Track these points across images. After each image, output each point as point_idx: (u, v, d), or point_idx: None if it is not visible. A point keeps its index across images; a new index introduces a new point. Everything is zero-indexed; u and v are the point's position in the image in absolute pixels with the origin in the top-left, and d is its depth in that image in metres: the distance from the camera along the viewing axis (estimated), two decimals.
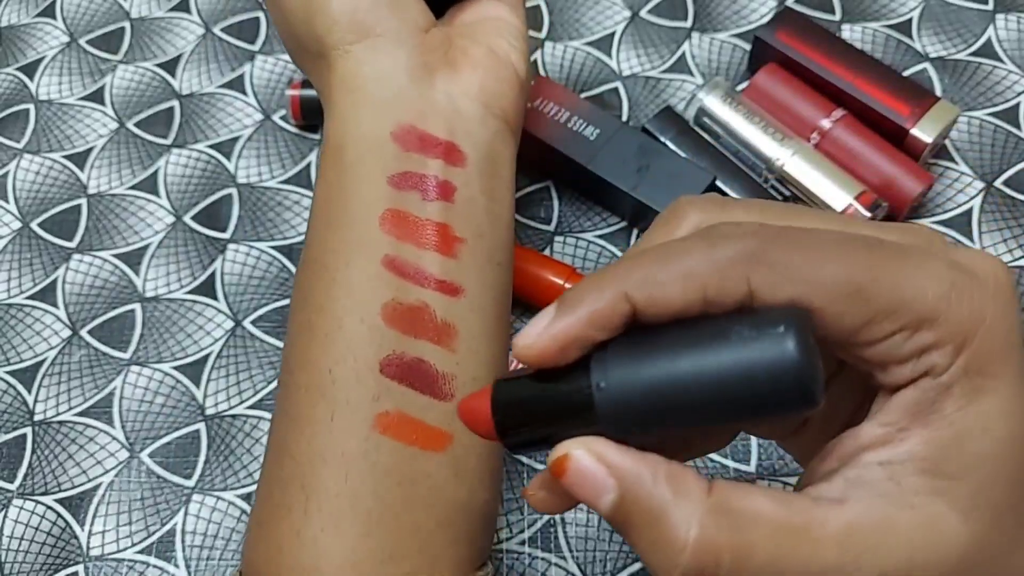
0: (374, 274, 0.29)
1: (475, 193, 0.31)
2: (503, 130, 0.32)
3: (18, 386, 0.42)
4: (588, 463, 0.20)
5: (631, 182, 0.41)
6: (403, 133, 0.30)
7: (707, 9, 0.50)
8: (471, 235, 0.30)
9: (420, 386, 0.28)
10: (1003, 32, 0.48)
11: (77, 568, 0.38)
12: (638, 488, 0.20)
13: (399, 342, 0.28)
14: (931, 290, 0.19)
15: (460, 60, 0.32)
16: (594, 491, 0.20)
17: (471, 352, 0.29)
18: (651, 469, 0.20)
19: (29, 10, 0.54)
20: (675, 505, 0.19)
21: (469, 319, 0.29)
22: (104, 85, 0.51)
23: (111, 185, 0.48)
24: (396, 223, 0.29)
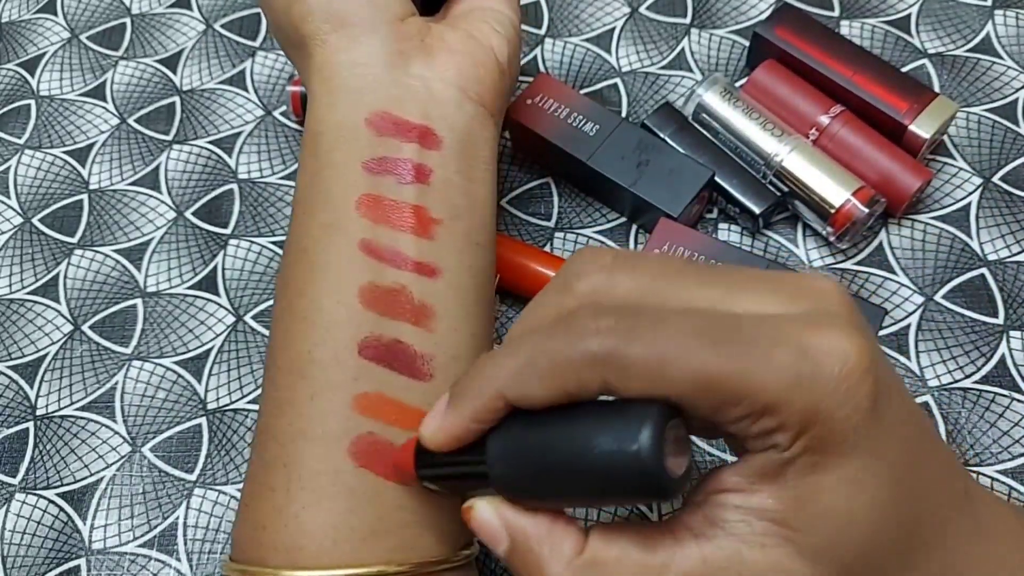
0: (351, 257, 0.29)
1: (451, 175, 0.31)
2: (481, 113, 0.33)
3: (20, 381, 0.43)
4: (487, 516, 0.24)
5: (630, 178, 0.41)
6: (377, 119, 0.31)
7: (706, 5, 0.50)
8: (447, 216, 0.31)
9: (398, 367, 0.28)
10: (1002, 28, 0.48)
11: (79, 562, 0.38)
12: (524, 543, 0.23)
13: (377, 324, 0.29)
14: (773, 382, 0.20)
15: (436, 46, 0.33)
16: (492, 539, 0.24)
17: (451, 331, 0.30)
18: (535, 528, 0.23)
19: (30, 6, 0.54)
20: (550, 561, 0.23)
21: (447, 299, 0.30)
22: (105, 81, 0.51)
23: (112, 181, 0.48)
24: (371, 207, 0.30)
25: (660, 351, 0.21)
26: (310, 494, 0.27)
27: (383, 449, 0.28)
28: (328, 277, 0.29)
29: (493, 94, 0.33)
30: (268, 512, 0.28)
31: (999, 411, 0.38)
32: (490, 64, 0.33)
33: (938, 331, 0.40)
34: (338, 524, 0.27)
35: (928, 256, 0.42)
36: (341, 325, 0.28)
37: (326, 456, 0.27)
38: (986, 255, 0.42)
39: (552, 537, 0.23)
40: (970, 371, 0.39)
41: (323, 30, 0.32)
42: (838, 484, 0.21)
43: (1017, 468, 0.37)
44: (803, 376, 0.20)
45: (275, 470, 0.28)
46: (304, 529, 0.27)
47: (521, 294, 0.41)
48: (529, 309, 0.25)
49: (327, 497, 0.27)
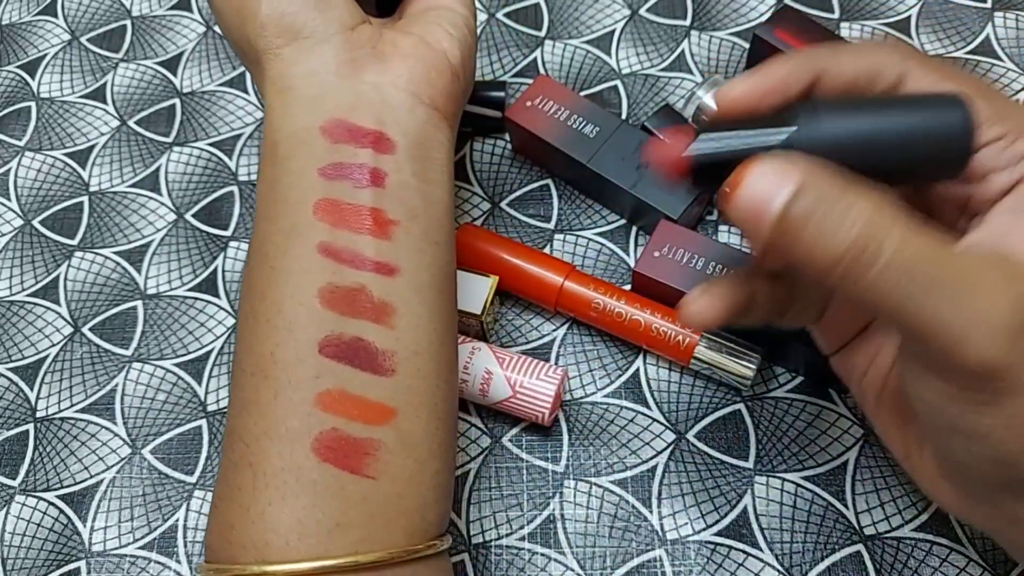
0: (310, 260, 0.30)
1: (406, 177, 0.32)
2: (434, 117, 0.33)
3: (20, 383, 0.43)
4: (774, 163, 0.24)
5: (630, 180, 0.42)
6: (331, 126, 0.32)
7: (706, 7, 0.50)
8: (404, 217, 0.31)
9: (360, 363, 0.29)
10: (1001, 30, 0.48)
11: (79, 564, 0.38)
12: (819, 179, 0.23)
13: (338, 323, 0.29)
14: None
15: (389, 52, 0.34)
16: (776, 185, 0.23)
17: (411, 327, 0.30)
18: (830, 172, 0.24)
19: (30, 8, 0.55)
20: (851, 192, 0.23)
21: (407, 296, 0.30)
22: (105, 83, 0.51)
23: (112, 183, 0.48)
24: (329, 211, 0.30)
25: (945, 70, 0.26)
26: (275, 491, 0.28)
27: (347, 444, 0.28)
28: (289, 280, 0.30)
29: (446, 97, 0.34)
30: (236, 511, 0.28)
31: None
32: (442, 67, 0.34)
33: None
34: (303, 519, 0.27)
35: None
36: (302, 325, 0.29)
37: (290, 453, 0.28)
38: None
39: (845, 179, 0.24)
40: None
41: (276, 44, 0.33)
42: None
43: None
44: None
45: (241, 470, 0.29)
46: (270, 525, 0.27)
47: (521, 295, 0.42)
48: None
49: (291, 493, 0.28)
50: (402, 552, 0.28)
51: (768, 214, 0.23)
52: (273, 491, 0.28)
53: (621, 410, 0.40)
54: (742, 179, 0.24)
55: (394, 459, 0.29)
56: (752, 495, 0.38)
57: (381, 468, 0.28)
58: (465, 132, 0.47)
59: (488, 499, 0.38)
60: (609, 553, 0.37)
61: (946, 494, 0.28)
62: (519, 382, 0.38)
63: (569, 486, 0.38)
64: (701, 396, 0.40)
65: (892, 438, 0.30)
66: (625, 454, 0.39)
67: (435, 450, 0.30)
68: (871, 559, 0.36)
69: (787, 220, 0.23)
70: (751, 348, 0.38)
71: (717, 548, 0.37)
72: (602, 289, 0.40)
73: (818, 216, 0.23)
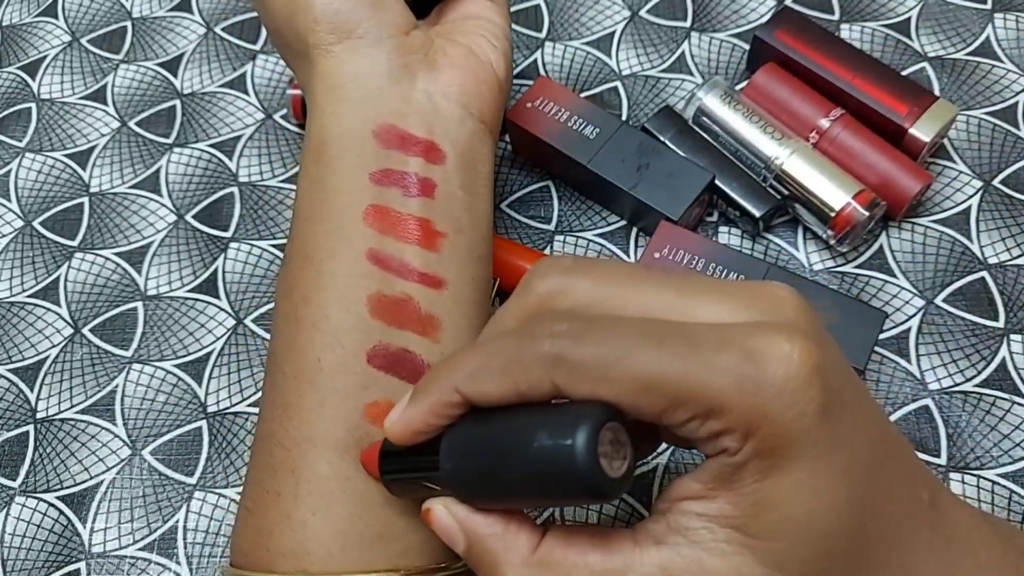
0: (358, 266, 0.29)
1: (454, 189, 0.32)
2: (480, 129, 0.33)
3: (20, 384, 0.43)
4: (442, 516, 0.25)
5: (631, 181, 0.42)
6: (383, 131, 0.31)
7: (706, 9, 0.50)
8: (451, 230, 0.31)
9: (406, 375, 0.29)
10: (1001, 31, 0.48)
11: (79, 565, 0.38)
12: (479, 542, 0.24)
13: (384, 333, 0.29)
14: (716, 384, 0.20)
15: (440, 61, 0.33)
16: (450, 540, 0.25)
17: (455, 342, 0.30)
18: (488, 528, 0.24)
19: (31, 9, 0.55)
20: (505, 560, 0.23)
21: (452, 311, 0.30)
22: (106, 84, 0.51)
23: (113, 184, 0.48)
24: (379, 217, 0.30)
25: (605, 353, 0.21)
26: (319, 500, 0.27)
27: None
28: (336, 285, 0.29)
29: (492, 110, 0.34)
30: (274, 518, 0.28)
31: (999, 415, 0.38)
32: (490, 81, 0.34)
33: (939, 334, 0.40)
34: (346, 529, 0.27)
35: (928, 259, 0.42)
36: (349, 333, 0.29)
37: (336, 462, 0.28)
38: (986, 258, 0.42)
39: (506, 536, 0.24)
40: (971, 375, 0.39)
41: (328, 40, 0.32)
42: (793, 489, 0.21)
43: (1018, 472, 0.37)
44: (745, 378, 0.20)
45: (282, 475, 0.28)
46: (312, 534, 0.27)
47: None
48: (496, 313, 0.25)
49: (336, 503, 0.27)
50: (442, 565, 0.28)
51: (457, 550, 0.25)
52: (317, 499, 0.27)
53: None
54: (429, 520, 0.25)
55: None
56: None
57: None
58: None
59: None
60: None
61: None
62: None
63: None
64: None
65: None
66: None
67: None
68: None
69: (469, 564, 0.25)
70: None
71: None
72: None
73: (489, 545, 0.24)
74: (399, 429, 0.25)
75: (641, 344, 0.21)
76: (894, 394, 0.39)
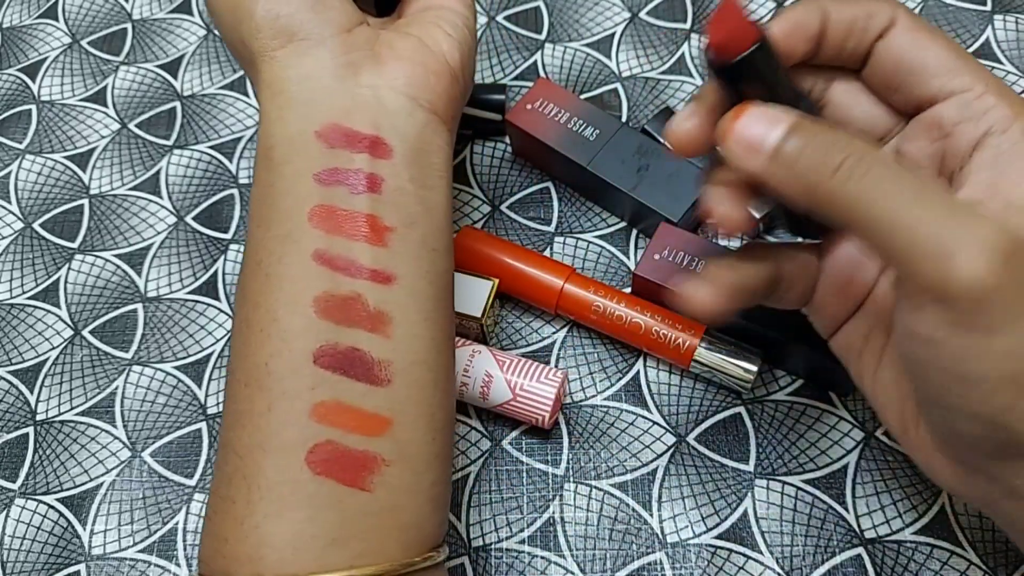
0: (305, 268, 0.29)
1: (403, 183, 0.31)
2: (432, 120, 0.33)
3: (20, 386, 0.43)
4: (768, 107, 0.26)
5: (630, 182, 0.42)
6: (327, 131, 0.31)
7: (706, 10, 0.50)
8: (401, 223, 0.31)
9: (356, 374, 0.29)
10: (1001, 33, 0.48)
11: (79, 567, 0.38)
12: (807, 121, 0.26)
13: (333, 332, 0.29)
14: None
15: (386, 55, 0.33)
16: (772, 123, 0.26)
17: (408, 337, 0.30)
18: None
19: (31, 11, 0.55)
20: (836, 129, 0.25)
21: (404, 305, 0.30)
22: (106, 86, 0.51)
23: (113, 186, 0.48)
24: (324, 217, 0.30)
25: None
26: (270, 504, 0.27)
27: (343, 457, 0.28)
28: (283, 288, 0.29)
29: (445, 101, 0.34)
30: (230, 525, 0.28)
31: None
32: (441, 71, 0.34)
33: None
34: (299, 532, 0.27)
35: None
36: (296, 335, 0.29)
37: (285, 466, 0.28)
38: None
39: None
40: None
41: (271, 46, 0.32)
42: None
43: None
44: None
45: (235, 483, 0.28)
46: (265, 539, 0.27)
47: (521, 298, 0.41)
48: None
49: (288, 507, 0.27)
50: (399, 565, 0.28)
51: (763, 147, 0.26)
52: (268, 504, 0.27)
53: (621, 413, 0.40)
54: (741, 114, 0.26)
55: (391, 471, 0.28)
56: (752, 498, 0.38)
57: (378, 481, 0.28)
58: (465, 135, 0.47)
59: (488, 502, 0.38)
60: (609, 556, 0.37)
61: (942, 469, 0.28)
62: (519, 385, 0.38)
63: (569, 489, 0.38)
64: (701, 399, 0.40)
65: (890, 415, 0.30)
66: (625, 457, 0.39)
67: (432, 461, 0.30)
68: (871, 562, 0.36)
69: (780, 152, 0.26)
70: (751, 351, 0.38)
71: (717, 551, 0.37)
72: (602, 292, 0.40)
73: (810, 146, 0.25)
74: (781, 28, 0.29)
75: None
76: None
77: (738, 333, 0.39)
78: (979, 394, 0.24)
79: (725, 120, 0.27)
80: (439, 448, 0.30)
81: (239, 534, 0.27)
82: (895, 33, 0.29)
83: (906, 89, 0.29)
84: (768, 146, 0.26)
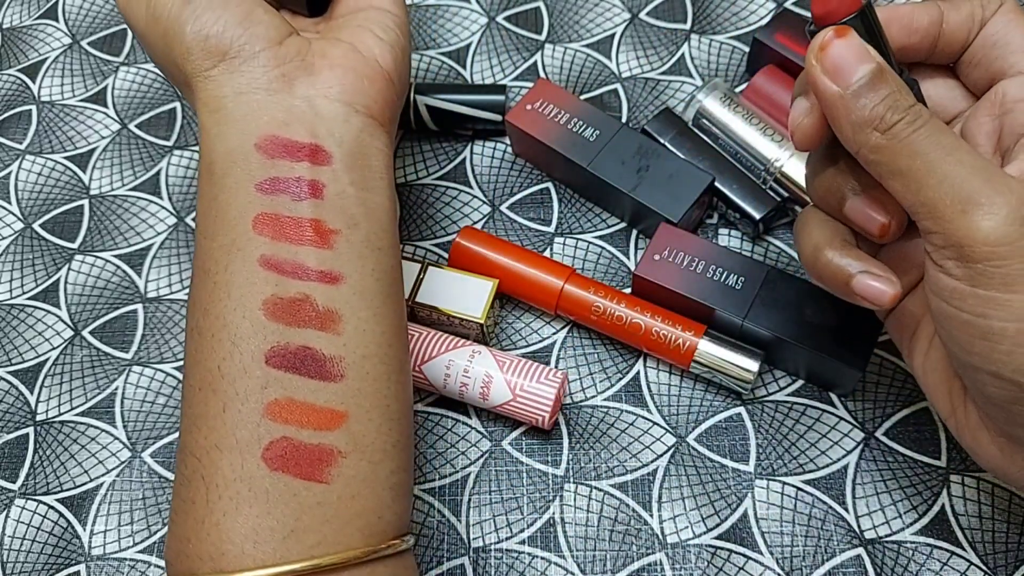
0: (252, 273, 0.30)
1: (344, 187, 0.32)
2: (370, 124, 0.34)
3: (20, 386, 0.43)
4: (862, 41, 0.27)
5: (630, 183, 0.42)
6: (266, 143, 0.32)
7: (706, 11, 0.50)
8: (344, 225, 0.32)
9: (308, 371, 0.29)
10: None
11: (79, 568, 0.38)
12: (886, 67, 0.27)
13: (283, 333, 0.29)
14: None
15: (318, 64, 0.34)
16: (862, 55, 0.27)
17: (358, 332, 0.31)
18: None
19: (31, 11, 0.55)
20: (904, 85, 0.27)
21: (352, 302, 0.31)
22: (106, 86, 0.51)
23: (113, 186, 0.48)
24: (268, 224, 0.31)
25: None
26: (228, 502, 0.28)
27: (298, 451, 0.28)
28: (231, 293, 0.30)
29: (380, 104, 0.34)
30: (191, 525, 0.28)
31: None
32: (374, 75, 0.34)
33: None
34: (257, 526, 0.28)
35: None
36: (246, 337, 0.29)
37: (241, 464, 0.28)
38: None
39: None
40: None
41: (204, 67, 0.33)
42: None
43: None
44: None
45: (194, 484, 0.29)
46: (225, 535, 0.28)
47: (521, 298, 0.42)
48: None
49: (245, 503, 0.28)
50: (360, 553, 0.28)
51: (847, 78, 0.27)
52: (226, 502, 0.28)
53: (621, 413, 0.40)
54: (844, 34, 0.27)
55: (348, 462, 0.29)
56: (752, 499, 0.38)
57: (334, 472, 0.29)
58: (465, 135, 0.47)
59: (488, 503, 0.38)
60: (609, 557, 0.37)
61: (988, 447, 0.29)
62: (519, 385, 0.38)
63: (569, 489, 0.38)
64: (701, 399, 0.40)
65: (939, 396, 0.31)
66: (625, 457, 0.39)
67: (389, 451, 0.30)
68: (872, 563, 0.36)
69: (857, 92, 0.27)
70: (751, 351, 0.38)
71: (717, 552, 0.37)
72: (602, 292, 0.40)
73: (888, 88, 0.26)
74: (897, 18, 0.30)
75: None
76: (895, 392, 0.39)
77: (738, 333, 0.39)
78: (1000, 352, 0.25)
79: (826, 34, 0.27)
80: (396, 438, 0.31)
81: (200, 533, 0.28)
82: (997, 16, 0.29)
83: (985, 64, 0.30)
84: (852, 79, 0.26)
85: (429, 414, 0.40)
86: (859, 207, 0.30)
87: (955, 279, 0.26)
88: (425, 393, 0.41)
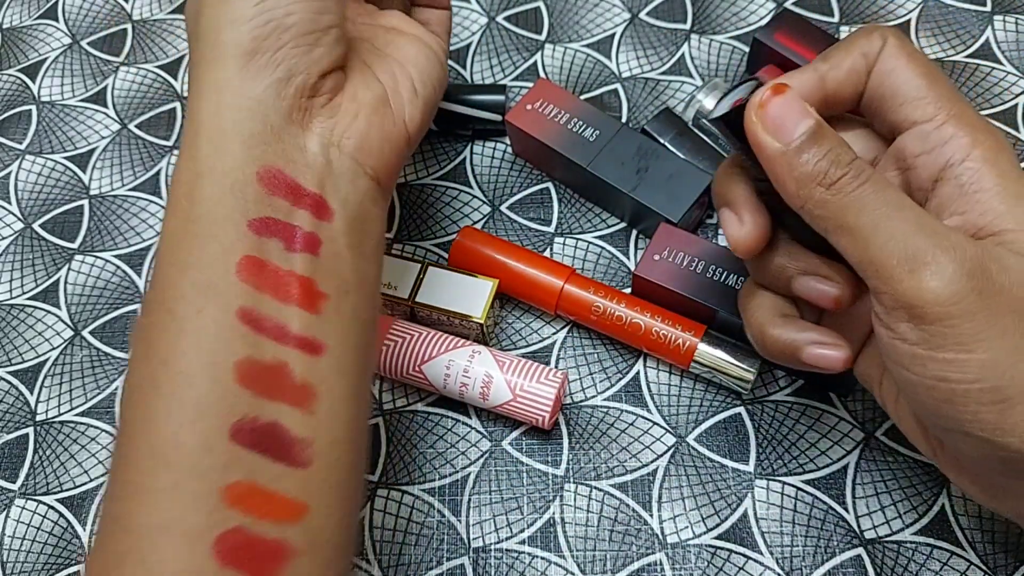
0: (227, 327, 0.26)
1: (341, 248, 0.29)
2: (372, 189, 0.31)
3: (20, 386, 0.43)
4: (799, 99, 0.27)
5: (630, 183, 0.42)
6: (269, 176, 0.28)
7: (706, 11, 0.50)
8: (335, 291, 0.29)
9: (274, 453, 0.26)
10: (1001, 33, 0.48)
11: (79, 568, 0.38)
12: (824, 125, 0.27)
13: (252, 404, 0.26)
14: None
15: (345, 106, 0.31)
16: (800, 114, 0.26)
17: (331, 414, 0.28)
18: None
19: (31, 11, 0.55)
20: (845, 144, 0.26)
21: (330, 379, 0.28)
22: (106, 86, 0.51)
23: (113, 186, 0.48)
24: (254, 271, 0.27)
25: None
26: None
27: (252, 546, 0.25)
28: (200, 347, 0.26)
29: (388, 171, 0.32)
30: None
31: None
32: (397, 139, 0.32)
33: None
34: None
35: None
36: (212, 404, 0.26)
37: (189, 554, 0.25)
38: None
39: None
40: None
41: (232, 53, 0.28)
42: None
43: None
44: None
45: (130, 566, 0.25)
46: None
47: (521, 299, 0.42)
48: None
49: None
50: None
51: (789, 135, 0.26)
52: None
53: (621, 413, 0.40)
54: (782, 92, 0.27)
55: (301, 562, 0.26)
56: (752, 499, 0.38)
57: (287, 573, 0.26)
58: (465, 135, 0.47)
59: (488, 503, 0.38)
60: (609, 557, 0.37)
61: (972, 488, 0.29)
62: (519, 385, 0.38)
63: (569, 489, 0.38)
64: (701, 399, 0.40)
65: (916, 438, 0.30)
66: (625, 457, 0.39)
67: (344, 550, 0.28)
68: (872, 563, 0.36)
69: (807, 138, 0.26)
70: (751, 351, 0.38)
71: (717, 552, 0.37)
72: (602, 292, 0.40)
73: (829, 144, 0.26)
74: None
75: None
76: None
77: (738, 333, 0.39)
78: (967, 413, 0.25)
79: (764, 91, 0.27)
80: (351, 534, 0.29)
81: None
82: (882, 58, 0.29)
83: (880, 116, 0.29)
84: (793, 134, 0.26)
85: (429, 414, 0.40)
86: (809, 284, 0.29)
87: (911, 344, 0.25)
88: (425, 393, 0.41)
